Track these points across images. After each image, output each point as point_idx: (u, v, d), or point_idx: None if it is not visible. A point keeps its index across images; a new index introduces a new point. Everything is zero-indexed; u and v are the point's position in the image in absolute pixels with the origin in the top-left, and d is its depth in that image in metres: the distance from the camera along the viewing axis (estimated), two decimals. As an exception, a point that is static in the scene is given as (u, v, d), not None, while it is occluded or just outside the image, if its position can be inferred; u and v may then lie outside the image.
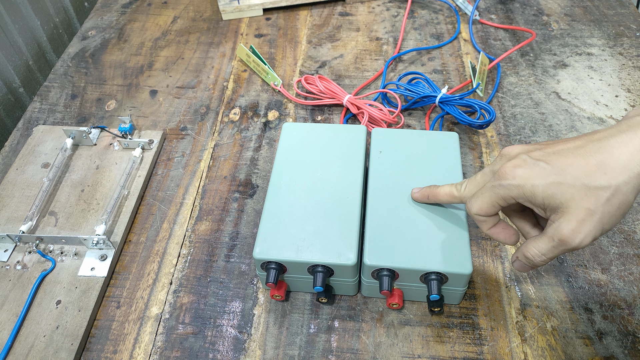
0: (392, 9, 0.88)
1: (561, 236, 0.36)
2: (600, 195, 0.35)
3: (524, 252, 0.40)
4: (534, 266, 0.41)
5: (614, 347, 0.48)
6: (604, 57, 0.77)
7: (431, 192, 0.49)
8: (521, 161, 0.38)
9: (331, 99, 0.70)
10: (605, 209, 0.35)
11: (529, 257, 0.40)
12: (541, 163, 0.37)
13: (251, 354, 0.49)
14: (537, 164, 0.37)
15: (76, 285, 0.53)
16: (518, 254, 0.42)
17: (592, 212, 0.35)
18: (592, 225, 0.35)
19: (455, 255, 0.47)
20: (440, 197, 0.48)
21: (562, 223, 0.36)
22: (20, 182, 0.62)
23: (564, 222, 0.36)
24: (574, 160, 0.36)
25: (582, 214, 0.35)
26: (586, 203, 0.35)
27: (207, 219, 0.60)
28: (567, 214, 0.36)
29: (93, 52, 0.82)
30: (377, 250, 0.47)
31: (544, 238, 0.38)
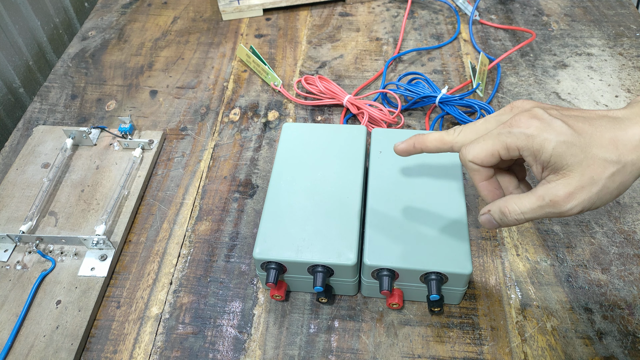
0: (392, 9, 0.88)
1: (554, 196, 0.35)
2: (607, 168, 0.34)
3: (500, 206, 0.38)
4: (503, 224, 0.39)
5: (614, 347, 0.48)
6: (604, 57, 0.77)
7: (417, 140, 0.44)
8: (537, 114, 0.36)
9: (331, 99, 0.70)
10: (607, 183, 0.34)
11: (505, 212, 0.38)
12: (558, 121, 0.36)
13: (251, 354, 0.49)
14: (554, 121, 0.36)
15: (76, 285, 0.53)
16: (491, 207, 0.39)
17: (594, 181, 0.34)
18: (589, 195, 0.35)
19: (455, 255, 0.47)
20: (428, 144, 0.43)
21: (559, 184, 0.35)
22: (20, 182, 0.62)
23: (563, 183, 0.35)
24: (589, 128, 0.35)
25: (585, 181, 0.34)
26: (592, 171, 0.34)
27: (207, 219, 0.60)
28: (569, 177, 0.35)
29: (93, 52, 0.82)
30: (377, 250, 0.47)
31: (531, 196, 0.37)
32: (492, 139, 0.38)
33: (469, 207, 0.59)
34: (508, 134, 0.37)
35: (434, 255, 0.47)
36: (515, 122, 0.37)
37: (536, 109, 0.37)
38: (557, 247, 0.55)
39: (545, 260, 0.54)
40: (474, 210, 0.59)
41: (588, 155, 0.35)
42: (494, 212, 0.39)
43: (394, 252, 0.47)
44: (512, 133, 0.37)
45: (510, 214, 0.38)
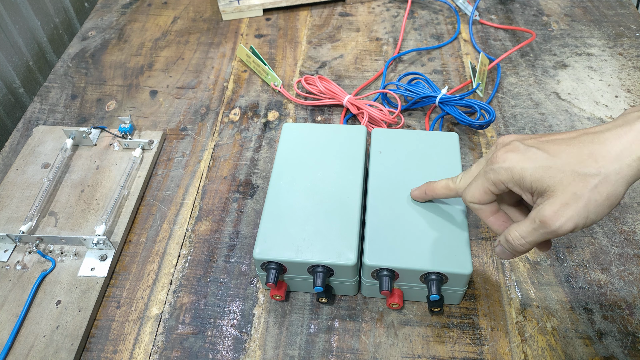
0: (392, 9, 0.88)
1: (542, 217, 0.36)
2: (588, 182, 0.35)
3: (505, 235, 0.40)
4: (514, 252, 0.40)
5: (614, 347, 0.48)
6: (604, 57, 0.77)
7: (428, 188, 0.49)
8: (514, 147, 0.39)
9: (331, 100, 0.70)
10: (592, 195, 0.35)
11: (509, 240, 0.40)
12: (533, 149, 0.38)
13: (251, 354, 0.49)
14: (529, 149, 0.38)
15: (76, 285, 0.53)
16: (501, 238, 0.41)
17: (577, 197, 0.35)
18: (576, 210, 0.35)
19: (455, 255, 0.47)
20: (437, 191, 0.48)
21: (545, 205, 0.36)
22: (20, 182, 0.62)
23: (548, 204, 0.36)
24: (566, 148, 0.37)
25: (567, 198, 0.35)
26: (573, 188, 0.35)
27: (207, 219, 0.60)
28: (552, 197, 0.36)
29: (93, 52, 0.82)
30: (377, 250, 0.47)
31: (526, 221, 0.38)
32: (481, 179, 0.41)
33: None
34: (491, 171, 0.40)
35: (434, 255, 0.47)
36: (494, 158, 0.40)
37: (514, 142, 0.39)
38: (557, 247, 0.55)
39: (545, 260, 0.54)
40: (474, 210, 0.59)
41: (567, 173, 0.36)
42: (503, 242, 0.41)
43: (394, 252, 0.47)
44: (494, 169, 0.39)
45: (514, 241, 0.40)
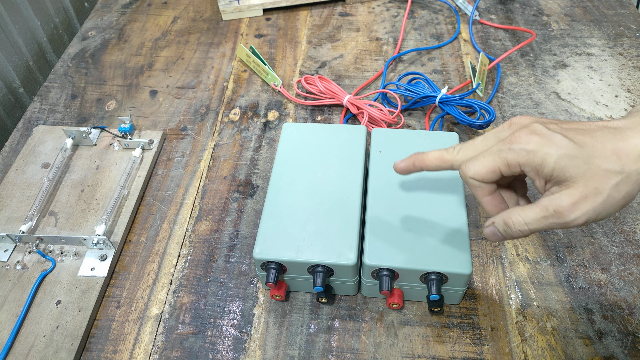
0: (392, 9, 0.88)
1: (558, 207, 0.35)
2: (611, 179, 0.34)
3: (504, 218, 0.39)
4: (507, 236, 0.39)
5: (614, 347, 0.48)
6: (603, 57, 0.77)
7: (417, 159, 0.44)
8: (537, 130, 0.37)
9: (331, 99, 0.70)
10: (612, 193, 0.35)
11: (509, 223, 0.38)
12: (558, 135, 0.36)
13: (251, 354, 0.49)
14: (554, 135, 0.36)
15: (76, 285, 0.53)
16: (496, 219, 0.40)
17: (598, 192, 0.35)
18: (593, 205, 0.35)
19: (455, 255, 0.47)
20: (427, 162, 0.44)
21: (563, 195, 0.35)
22: (20, 182, 0.62)
23: (567, 194, 0.35)
24: (590, 140, 0.35)
25: (588, 191, 0.35)
26: (595, 182, 0.35)
27: (207, 219, 0.60)
28: (573, 188, 0.35)
29: (93, 52, 0.82)
30: (377, 250, 0.47)
31: (535, 207, 0.37)
32: (492, 156, 0.38)
33: (469, 207, 0.59)
34: (509, 151, 0.37)
35: (434, 255, 0.47)
36: (515, 138, 0.37)
37: (535, 124, 0.37)
38: (557, 247, 0.55)
39: (545, 260, 0.54)
40: (474, 211, 0.59)
41: (591, 166, 0.35)
42: (498, 224, 0.39)
43: (394, 252, 0.47)
44: (513, 149, 0.37)
45: (515, 225, 0.38)
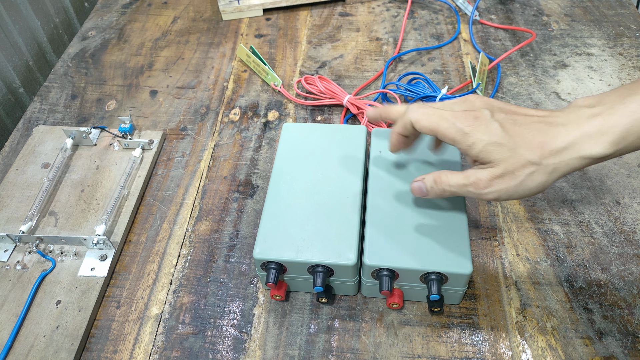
0: (392, 9, 0.88)
1: (477, 179, 0.41)
2: (528, 167, 0.39)
3: (435, 176, 0.44)
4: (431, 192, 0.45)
5: (614, 347, 0.48)
6: (604, 57, 0.77)
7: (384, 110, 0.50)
8: (481, 115, 0.41)
9: (331, 99, 0.70)
10: (525, 180, 0.40)
11: (437, 181, 0.44)
12: (495, 124, 0.41)
13: (251, 354, 0.49)
14: (492, 123, 0.41)
15: (76, 285, 0.53)
16: (426, 176, 0.45)
17: (514, 176, 0.40)
18: (506, 186, 0.40)
19: (455, 255, 0.47)
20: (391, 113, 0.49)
21: (485, 171, 0.41)
22: (20, 182, 0.62)
23: (487, 171, 0.41)
24: (523, 131, 0.40)
25: (506, 173, 0.40)
26: (514, 167, 0.40)
27: (207, 219, 0.60)
28: (494, 167, 0.40)
29: (93, 52, 0.82)
30: (377, 250, 0.47)
31: (460, 174, 0.42)
32: (437, 118, 0.43)
33: (469, 207, 0.59)
34: (450, 124, 0.42)
35: (434, 255, 0.47)
36: (460, 116, 0.42)
37: (483, 110, 0.42)
38: (557, 247, 0.55)
39: (545, 260, 0.54)
40: (473, 211, 0.59)
41: (515, 154, 0.40)
42: (427, 180, 0.45)
43: (394, 252, 0.47)
44: (454, 125, 0.42)
45: (440, 184, 0.44)
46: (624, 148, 0.38)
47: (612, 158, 0.39)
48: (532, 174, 0.40)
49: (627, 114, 0.38)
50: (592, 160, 0.39)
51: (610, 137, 0.38)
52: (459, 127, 0.41)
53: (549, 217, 0.58)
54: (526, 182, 0.40)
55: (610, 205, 0.59)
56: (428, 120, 0.43)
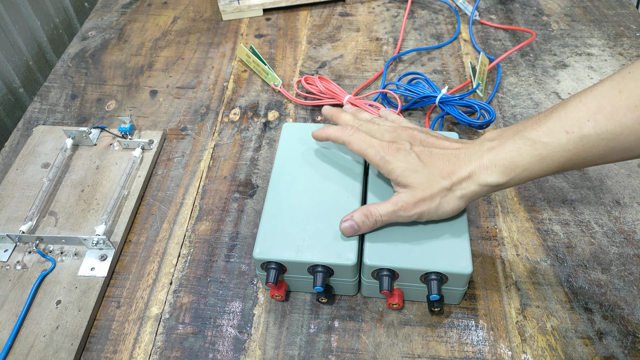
0: (392, 9, 0.88)
1: (404, 203, 0.46)
2: (442, 192, 0.46)
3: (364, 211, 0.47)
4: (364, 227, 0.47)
5: (614, 347, 0.48)
6: (604, 57, 0.77)
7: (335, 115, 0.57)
8: (402, 147, 0.47)
9: (331, 99, 0.70)
10: (442, 202, 0.46)
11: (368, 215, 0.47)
12: (413, 155, 0.47)
13: (251, 354, 0.49)
14: (409, 154, 0.47)
15: (76, 285, 0.53)
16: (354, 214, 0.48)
17: (432, 199, 0.46)
18: (428, 207, 0.46)
19: (455, 255, 0.47)
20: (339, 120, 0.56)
21: (407, 194, 0.46)
22: (20, 182, 0.62)
23: (409, 194, 0.46)
24: (437, 161, 0.46)
25: (426, 196, 0.46)
26: (431, 191, 0.46)
27: (207, 219, 0.60)
28: (414, 190, 0.46)
29: (93, 52, 0.82)
30: (377, 250, 0.47)
31: (387, 203, 0.47)
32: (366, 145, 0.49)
33: (469, 207, 0.59)
34: (376, 152, 0.48)
35: (434, 255, 0.47)
36: (384, 146, 0.48)
37: (403, 142, 0.48)
38: (557, 247, 0.55)
39: (545, 260, 0.54)
40: (473, 211, 0.59)
41: (430, 179, 0.46)
42: (357, 217, 0.47)
43: (394, 252, 0.47)
44: (378, 153, 0.48)
45: (372, 217, 0.47)
46: (516, 177, 0.44)
47: (510, 187, 0.46)
48: (445, 197, 0.46)
49: (512, 150, 0.44)
50: (490, 188, 0.45)
51: (499, 168, 0.44)
52: (382, 155, 0.47)
53: (549, 217, 0.58)
54: (442, 205, 0.46)
55: (610, 205, 0.59)
56: (358, 146, 0.49)
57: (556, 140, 0.42)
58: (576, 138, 0.41)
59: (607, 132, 0.40)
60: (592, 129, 0.41)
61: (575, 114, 0.42)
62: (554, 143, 0.42)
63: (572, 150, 0.42)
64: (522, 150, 0.43)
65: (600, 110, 0.40)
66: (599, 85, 0.42)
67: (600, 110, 0.40)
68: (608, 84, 0.41)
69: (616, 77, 0.41)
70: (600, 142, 0.41)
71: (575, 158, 0.42)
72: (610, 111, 0.40)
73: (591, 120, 0.41)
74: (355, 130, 0.51)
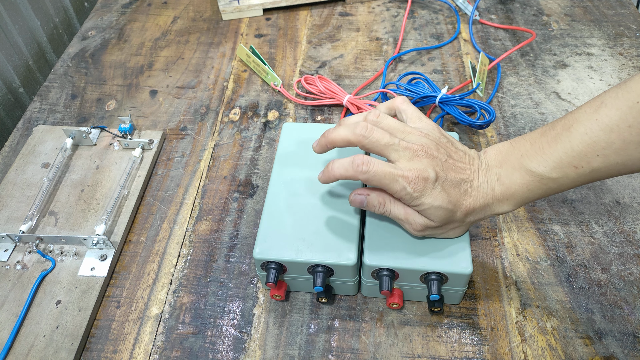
0: (392, 9, 0.88)
1: (414, 222, 0.46)
2: (455, 223, 0.47)
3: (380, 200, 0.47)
4: (370, 208, 0.47)
5: (614, 347, 0.48)
6: (604, 57, 0.77)
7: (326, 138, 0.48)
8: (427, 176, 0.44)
9: (331, 99, 0.70)
10: (448, 231, 0.47)
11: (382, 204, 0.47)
12: (438, 188, 0.44)
13: (251, 353, 0.49)
14: (436, 189, 0.44)
15: (76, 285, 0.53)
16: (371, 193, 0.47)
17: (442, 227, 0.46)
18: (433, 233, 0.47)
19: (455, 255, 0.47)
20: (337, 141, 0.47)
21: (423, 219, 0.46)
22: (20, 182, 0.62)
23: (424, 221, 0.46)
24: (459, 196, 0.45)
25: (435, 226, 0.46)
26: (444, 222, 0.46)
27: (207, 219, 0.60)
28: (430, 220, 0.45)
29: (93, 52, 0.82)
30: (377, 250, 0.47)
31: (402, 209, 0.46)
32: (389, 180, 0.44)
33: (469, 207, 0.59)
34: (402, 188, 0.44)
35: (434, 255, 0.47)
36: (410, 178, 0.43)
37: (428, 170, 0.44)
38: (557, 247, 0.55)
39: (545, 260, 0.54)
40: (474, 210, 0.59)
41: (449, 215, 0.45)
42: (373, 198, 0.47)
43: (394, 252, 0.47)
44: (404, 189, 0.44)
45: (384, 207, 0.47)
46: (524, 204, 0.46)
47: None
48: (455, 228, 0.47)
49: (522, 185, 0.45)
50: (499, 215, 0.48)
51: (512, 202, 0.46)
52: (409, 192, 0.44)
53: (549, 217, 0.58)
54: (448, 233, 0.47)
55: (610, 205, 0.59)
56: (379, 182, 0.44)
57: (565, 176, 0.43)
58: (586, 172, 0.42)
59: (617, 164, 0.41)
60: (601, 163, 0.41)
61: (583, 149, 0.41)
62: (563, 178, 0.43)
63: (581, 181, 0.43)
64: (531, 186, 0.44)
65: (610, 146, 0.40)
66: (604, 110, 0.40)
67: (610, 146, 0.40)
68: (615, 114, 0.40)
69: (623, 105, 0.39)
70: (610, 172, 0.42)
71: (582, 184, 0.44)
72: (619, 147, 0.40)
73: (600, 155, 0.41)
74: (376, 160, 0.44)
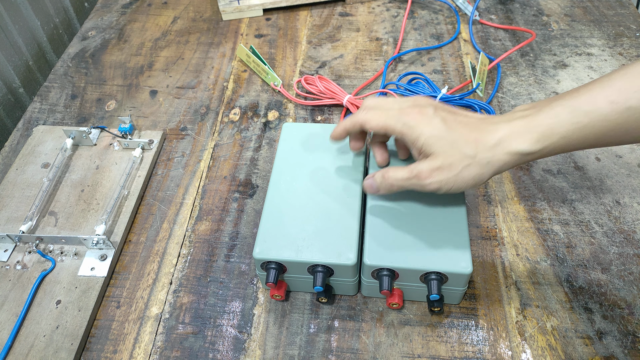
0: (392, 9, 0.88)
1: (419, 171, 0.44)
2: (464, 160, 0.43)
3: (383, 172, 0.47)
4: (381, 188, 0.47)
5: (614, 347, 0.48)
6: (603, 57, 0.77)
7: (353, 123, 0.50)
8: (425, 111, 0.44)
9: (331, 99, 0.70)
10: (462, 171, 0.43)
11: (385, 176, 0.46)
12: (437, 119, 0.43)
13: (251, 353, 0.49)
14: (435, 118, 0.43)
15: (76, 285, 0.53)
16: (376, 173, 0.47)
17: (452, 168, 0.43)
18: (446, 176, 0.43)
19: (455, 255, 0.47)
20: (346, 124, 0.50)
21: (425, 163, 0.44)
22: (20, 182, 0.62)
23: (428, 163, 0.44)
24: (463, 128, 0.43)
25: (444, 165, 0.43)
26: (452, 160, 0.43)
27: (207, 219, 0.60)
28: (434, 160, 0.43)
29: (93, 52, 0.82)
30: (377, 250, 0.47)
31: (405, 169, 0.45)
32: (384, 117, 0.46)
33: (469, 207, 0.59)
34: (397, 120, 0.45)
35: (434, 255, 0.47)
36: (406, 112, 0.45)
37: (427, 107, 0.45)
38: (557, 247, 0.55)
39: (545, 260, 0.54)
40: (473, 210, 0.59)
41: (453, 147, 0.43)
42: (377, 176, 0.47)
43: (394, 252, 0.47)
44: (400, 120, 0.45)
45: (388, 179, 0.46)
46: (550, 146, 0.41)
47: (542, 157, 0.43)
48: (468, 167, 0.43)
49: (550, 115, 0.41)
50: (521, 157, 0.42)
51: (534, 134, 0.41)
52: (405, 121, 0.44)
53: (549, 217, 0.58)
54: (463, 173, 0.43)
55: (610, 205, 0.59)
56: (376, 121, 0.46)
57: (598, 109, 0.39)
58: (621, 109, 0.39)
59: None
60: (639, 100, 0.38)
61: (622, 85, 0.39)
62: (596, 112, 0.39)
63: (614, 121, 0.39)
64: (560, 117, 0.40)
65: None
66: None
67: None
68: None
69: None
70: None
71: (617, 129, 0.40)
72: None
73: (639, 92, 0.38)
74: (369, 108, 0.47)
